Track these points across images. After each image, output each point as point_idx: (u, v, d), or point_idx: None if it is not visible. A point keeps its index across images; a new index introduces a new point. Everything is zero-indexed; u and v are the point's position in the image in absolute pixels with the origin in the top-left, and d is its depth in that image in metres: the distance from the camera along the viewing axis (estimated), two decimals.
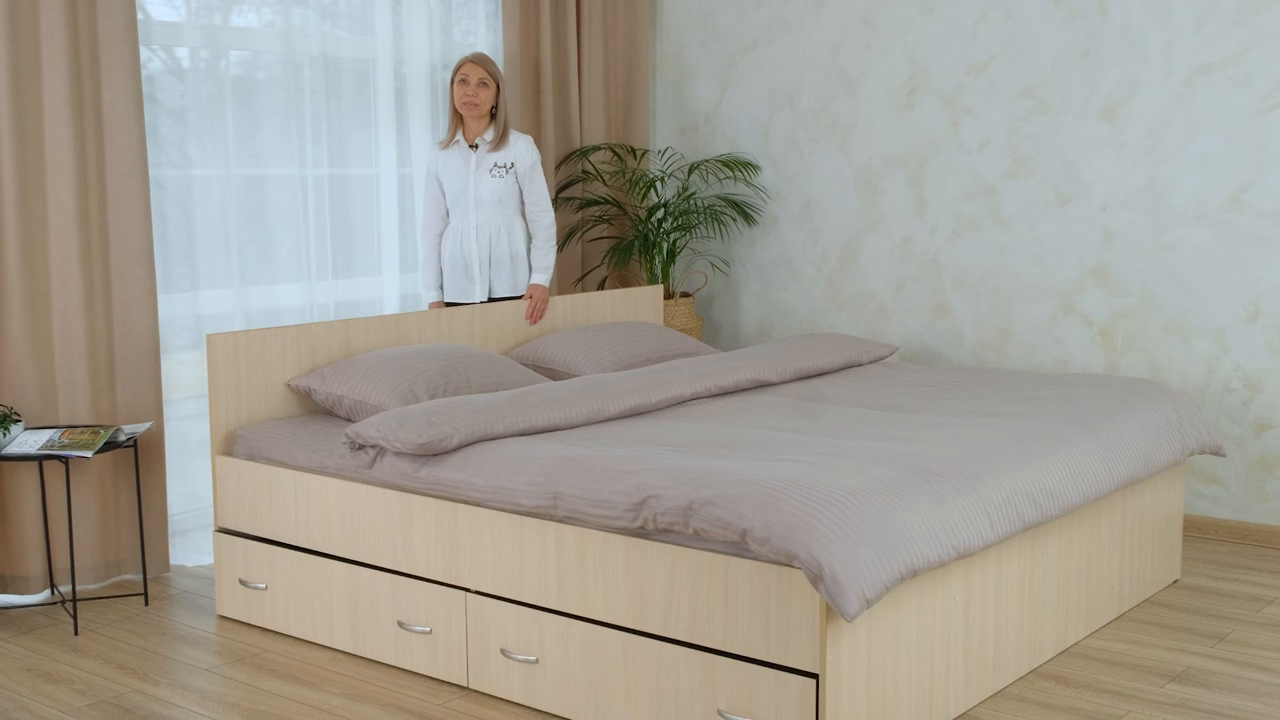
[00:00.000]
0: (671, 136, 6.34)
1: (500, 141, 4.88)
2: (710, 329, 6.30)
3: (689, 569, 3.05)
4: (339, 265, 5.21)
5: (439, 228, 4.99)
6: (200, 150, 4.78)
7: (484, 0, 5.65)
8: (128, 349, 4.44)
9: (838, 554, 2.79)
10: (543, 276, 4.98)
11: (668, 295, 5.98)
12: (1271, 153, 4.70)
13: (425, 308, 5.06)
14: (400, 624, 3.66)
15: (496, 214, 4.91)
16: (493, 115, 4.89)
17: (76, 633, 4.04)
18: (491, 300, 4.97)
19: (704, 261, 6.29)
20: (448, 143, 4.90)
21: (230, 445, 4.12)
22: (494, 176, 4.87)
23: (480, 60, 4.81)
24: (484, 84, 4.81)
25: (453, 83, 4.84)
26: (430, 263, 5.01)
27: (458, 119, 4.90)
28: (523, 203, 5.00)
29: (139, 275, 4.43)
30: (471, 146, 4.90)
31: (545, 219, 4.97)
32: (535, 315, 4.97)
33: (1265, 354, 4.76)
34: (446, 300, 5.01)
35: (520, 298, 5.00)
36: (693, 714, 3.07)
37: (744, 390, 4.42)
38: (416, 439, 3.55)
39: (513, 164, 4.91)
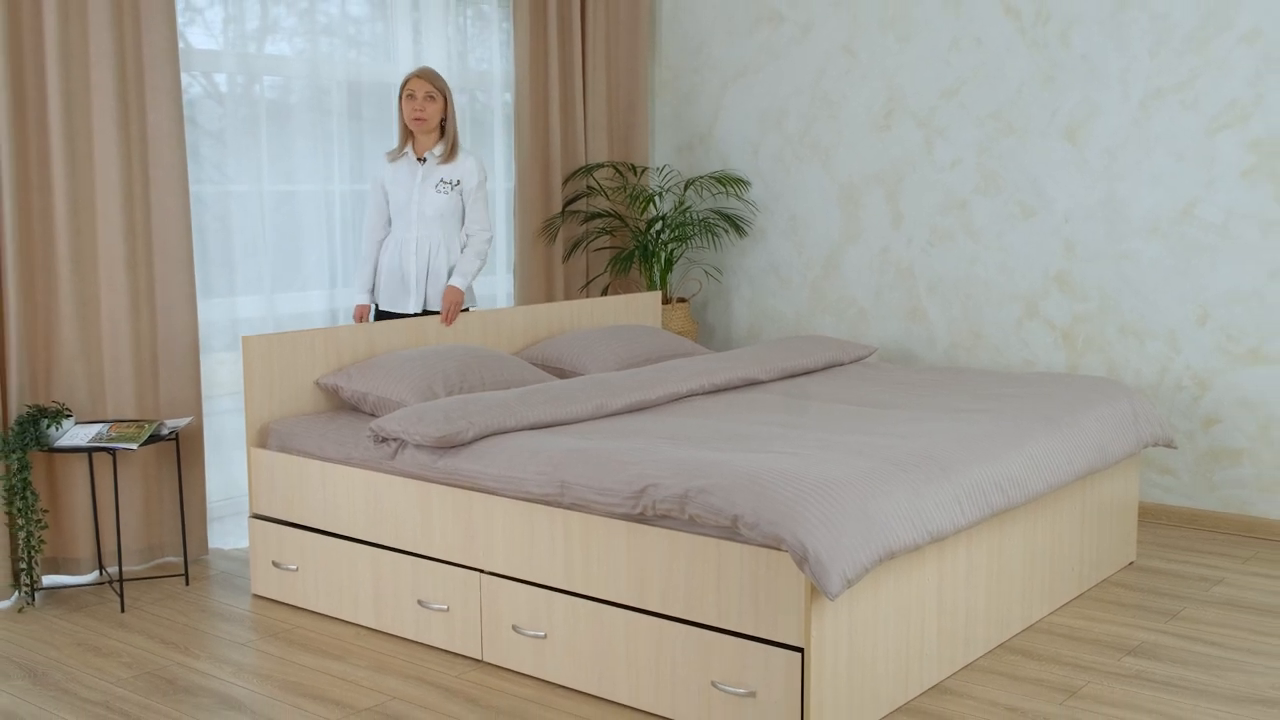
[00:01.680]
0: (669, 155, 6.34)
1: (450, 155, 4.59)
2: (704, 331, 6.30)
3: (685, 552, 3.05)
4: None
5: (379, 235, 4.68)
6: (236, 168, 4.78)
7: (497, 29, 5.65)
8: (170, 350, 4.44)
9: (821, 538, 2.80)
10: (460, 280, 4.62)
11: (665, 300, 5.98)
12: (1219, 170, 4.70)
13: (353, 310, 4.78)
14: (420, 602, 3.66)
15: (438, 228, 4.61)
16: (442, 129, 4.62)
17: (123, 610, 4.04)
18: (426, 313, 4.68)
19: (699, 270, 6.29)
20: (396, 155, 4.64)
21: (264, 438, 4.12)
22: (439, 191, 4.59)
23: (427, 75, 4.54)
24: (431, 98, 4.53)
25: (400, 98, 4.56)
26: (365, 267, 4.70)
27: (408, 133, 4.63)
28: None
29: (180, 282, 4.43)
30: (420, 160, 4.63)
31: (482, 235, 4.66)
32: (446, 318, 4.59)
33: (1213, 355, 4.77)
34: (381, 308, 4.71)
35: (466, 310, 4.74)
36: (688, 685, 3.07)
37: (735, 388, 4.42)
38: (435, 432, 3.55)
39: (459, 181, 4.62)
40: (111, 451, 3.99)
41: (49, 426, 4.00)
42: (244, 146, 4.79)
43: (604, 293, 6.09)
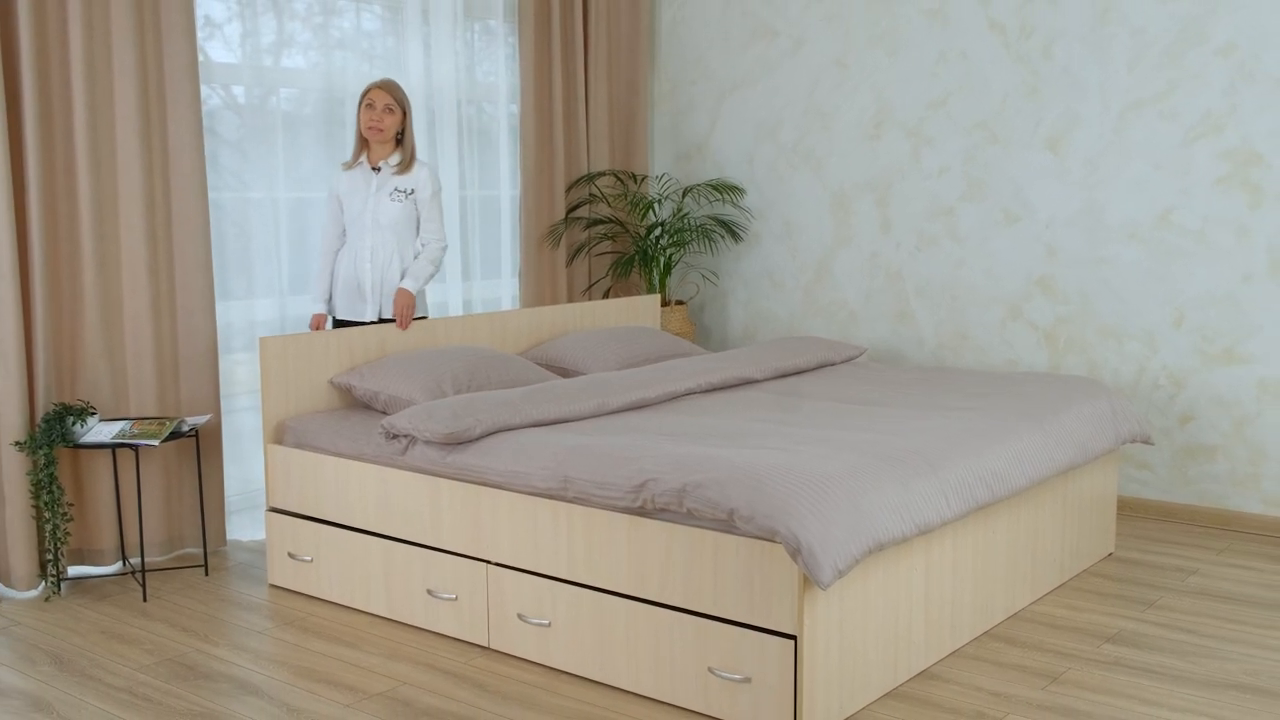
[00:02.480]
0: (668, 163, 6.34)
1: (406, 165, 4.40)
2: (702, 333, 6.30)
3: (683, 544, 3.06)
4: None
5: (335, 245, 4.49)
6: (253, 176, 4.78)
7: (503, 44, 5.65)
8: (189, 350, 4.45)
9: (813, 530, 2.80)
10: (410, 283, 4.40)
11: (664, 303, 5.98)
12: (1195, 178, 4.70)
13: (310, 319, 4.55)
14: (429, 592, 3.66)
15: (392, 237, 4.40)
16: (399, 141, 4.44)
17: (145, 599, 4.04)
18: (382, 320, 4.47)
19: (696, 273, 6.29)
20: (351, 164, 4.44)
21: (280, 435, 4.13)
22: (393, 200, 4.39)
23: (387, 86, 4.35)
24: (390, 110, 4.35)
25: (359, 106, 4.37)
26: (322, 277, 4.50)
27: (363, 142, 4.44)
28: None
29: (199, 285, 4.43)
30: (375, 169, 4.43)
31: (437, 244, 4.46)
32: (400, 321, 4.39)
33: (1189, 355, 4.77)
34: (338, 318, 4.52)
35: (423, 317, 4.56)
36: (686, 671, 3.08)
37: (731, 387, 4.42)
38: (443, 429, 3.55)
39: (413, 190, 4.42)
40: (134, 448, 3.99)
41: (74, 424, 4.00)
42: (261, 156, 4.79)
43: (605, 296, 6.09)
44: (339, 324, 4.54)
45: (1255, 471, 4.67)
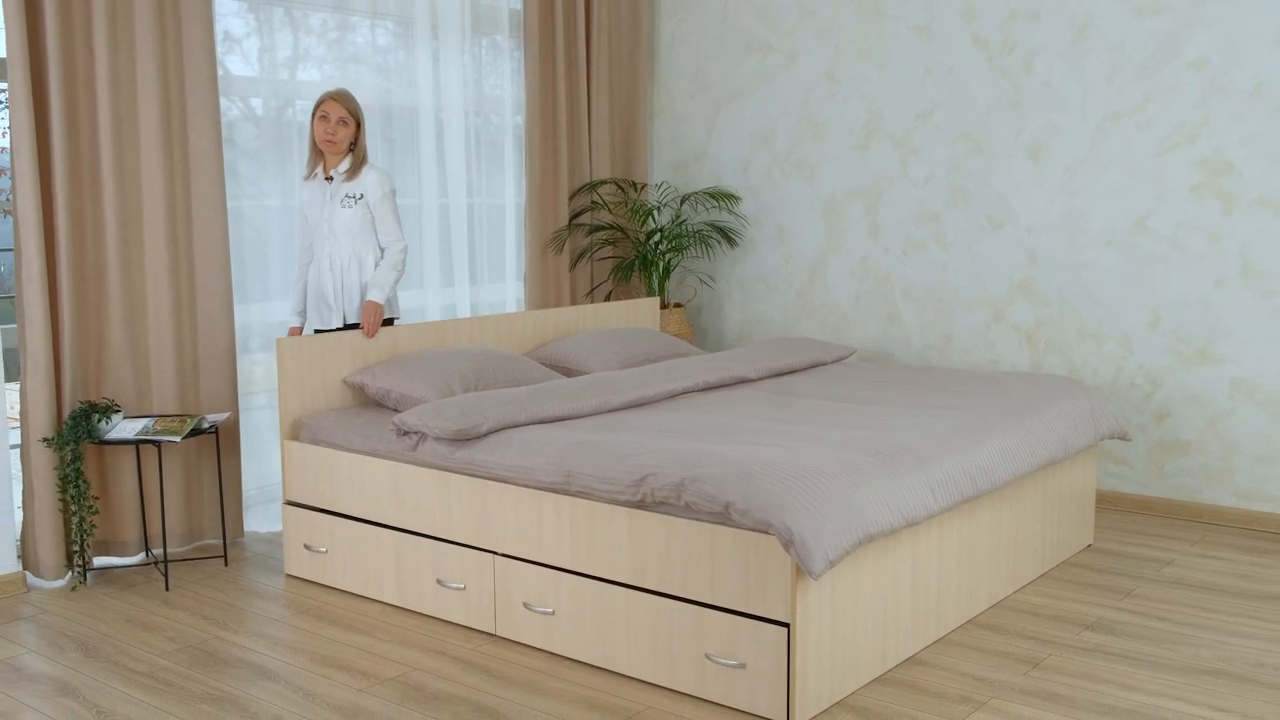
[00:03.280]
0: (667, 172, 6.34)
1: (355, 171, 4.27)
2: (699, 334, 6.30)
3: (681, 535, 3.06)
4: None
5: (306, 258, 4.40)
6: (271, 184, 4.78)
7: (509, 58, 5.65)
8: (209, 350, 4.45)
9: (806, 523, 2.80)
10: (377, 294, 4.26)
11: (663, 305, 5.98)
12: (1169, 187, 4.70)
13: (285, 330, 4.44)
14: (439, 581, 3.66)
15: (348, 244, 4.26)
16: (351, 149, 4.30)
17: (167, 589, 4.04)
18: (347, 326, 4.35)
19: (694, 277, 6.29)
20: (309, 176, 4.34)
21: (296, 432, 4.13)
22: (344, 207, 4.25)
23: (341, 98, 4.21)
24: (344, 122, 4.21)
25: (313, 118, 4.23)
26: (296, 289, 4.43)
27: (318, 153, 4.31)
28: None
29: (219, 289, 4.43)
30: (328, 178, 4.32)
31: (396, 246, 4.30)
32: (367, 330, 4.26)
33: (1164, 355, 4.77)
34: (313, 327, 4.38)
35: (391, 321, 4.43)
36: (684, 657, 3.08)
37: (727, 385, 4.42)
38: (452, 426, 3.55)
39: (362, 195, 4.27)
40: (156, 444, 3.99)
41: (99, 421, 4.00)
42: (278, 165, 4.79)
43: (607, 298, 6.09)
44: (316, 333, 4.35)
45: (1228, 466, 4.67)
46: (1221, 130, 4.57)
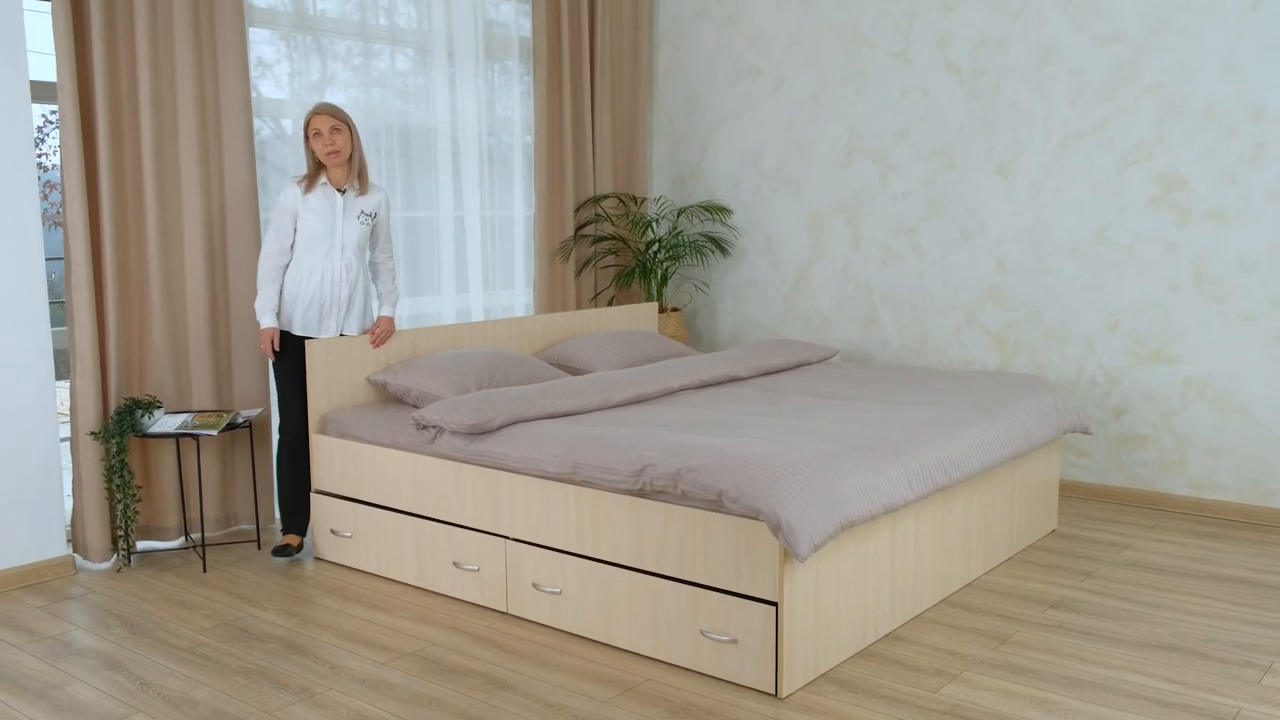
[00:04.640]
0: (665, 187, 6.34)
1: (365, 188, 4.13)
2: (694, 336, 6.30)
3: (678, 521, 3.06)
4: (408, 286, 5.21)
5: (284, 260, 4.07)
6: None
7: (518, 82, 5.66)
8: (243, 351, 4.45)
9: (792, 510, 2.80)
10: (390, 310, 4.25)
11: (661, 310, 5.98)
12: (1128, 200, 4.71)
13: (264, 328, 4.09)
14: (455, 564, 3.67)
15: (356, 258, 4.12)
16: (350, 160, 4.09)
17: (205, 570, 4.05)
18: (342, 335, 4.17)
19: (689, 284, 6.29)
20: (310, 186, 4.06)
21: (324, 426, 4.13)
22: (361, 223, 4.11)
23: (327, 109, 4.01)
24: (337, 130, 4.01)
25: (307, 138, 4.04)
26: (270, 292, 4.05)
27: (320, 166, 4.08)
28: (370, 248, 4.24)
29: (252, 294, 4.44)
30: (340, 191, 4.09)
31: (391, 262, 4.26)
32: (379, 341, 4.20)
33: (1122, 356, 4.77)
34: (295, 333, 4.12)
35: (367, 332, 4.23)
36: (681, 633, 3.08)
37: (720, 383, 4.43)
38: (467, 421, 3.55)
39: (376, 214, 4.17)
40: (195, 437, 4.00)
41: (143, 416, 4.01)
42: None
43: (609, 304, 6.10)
44: (295, 339, 4.13)
45: (1180, 458, 4.67)
46: (1176, 148, 4.57)
